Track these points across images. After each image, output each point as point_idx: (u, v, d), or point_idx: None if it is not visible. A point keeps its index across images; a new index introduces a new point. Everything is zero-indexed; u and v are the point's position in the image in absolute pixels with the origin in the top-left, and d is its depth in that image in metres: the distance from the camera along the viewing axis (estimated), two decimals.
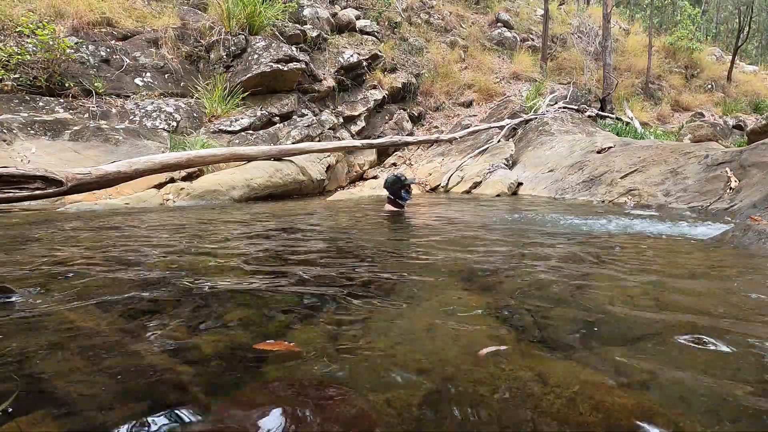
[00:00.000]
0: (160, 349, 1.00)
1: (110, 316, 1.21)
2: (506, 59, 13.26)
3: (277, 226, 3.36)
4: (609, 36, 12.06)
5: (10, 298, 1.32)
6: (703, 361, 0.94)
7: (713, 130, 10.03)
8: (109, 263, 1.89)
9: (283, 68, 7.65)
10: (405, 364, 0.93)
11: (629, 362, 0.94)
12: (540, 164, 7.41)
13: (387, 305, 1.34)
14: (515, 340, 1.06)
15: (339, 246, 2.46)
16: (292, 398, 0.80)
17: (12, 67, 5.76)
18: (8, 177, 3.20)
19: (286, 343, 1.03)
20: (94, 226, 3.10)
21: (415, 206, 4.91)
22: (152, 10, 8.03)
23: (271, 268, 1.87)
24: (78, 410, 0.75)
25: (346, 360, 0.95)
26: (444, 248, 2.38)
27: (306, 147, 6.53)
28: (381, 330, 1.14)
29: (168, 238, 2.61)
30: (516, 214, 4.21)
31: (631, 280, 1.66)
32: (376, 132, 9.75)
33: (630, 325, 1.16)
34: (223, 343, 1.04)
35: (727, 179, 4.75)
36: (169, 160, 4.74)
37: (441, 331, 1.12)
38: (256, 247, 2.39)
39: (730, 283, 1.63)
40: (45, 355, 0.95)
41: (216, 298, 1.40)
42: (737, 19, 18.15)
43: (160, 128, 6.43)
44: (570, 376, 0.87)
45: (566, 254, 2.19)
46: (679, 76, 15.50)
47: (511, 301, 1.38)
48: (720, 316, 1.22)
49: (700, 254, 2.20)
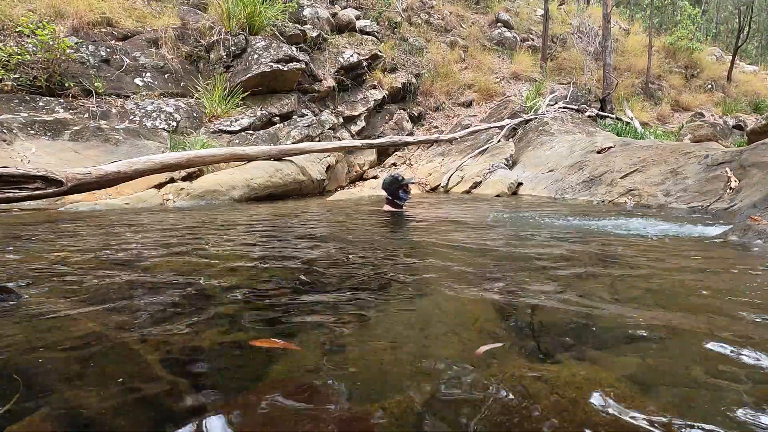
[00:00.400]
0: (161, 349, 1.00)
1: (110, 316, 1.21)
2: (506, 59, 13.26)
3: (276, 226, 3.36)
4: (609, 36, 12.06)
5: (10, 298, 1.32)
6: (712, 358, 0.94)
7: (713, 130, 10.03)
8: (109, 263, 1.89)
9: (283, 68, 7.65)
10: (405, 365, 0.93)
11: (630, 361, 0.94)
12: (540, 164, 7.41)
13: (387, 305, 1.34)
14: (514, 340, 1.06)
15: (338, 246, 2.46)
16: (292, 399, 0.80)
17: (12, 67, 5.75)
18: (8, 177, 3.20)
19: (282, 342, 1.03)
20: (93, 226, 3.10)
21: (414, 206, 4.91)
22: (152, 10, 8.03)
23: (271, 268, 1.87)
24: (78, 411, 0.75)
25: (345, 360, 0.95)
26: (443, 248, 2.39)
27: (306, 147, 6.53)
28: (381, 330, 1.14)
29: (167, 239, 2.61)
30: (516, 214, 4.21)
31: (632, 279, 1.66)
32: (376, 132, 9.75)
33: (631, 325, 1.16)
34: (223, 343, 1.04)
35: (727, 179, 4.75)
36: (169, 160, 4.74)
37: (441, 332, 1.12)
38: (255, 247, 2.39)
39: (730, 283, 1.63)
40: (45, 356, 0.95)
41: (216, 298, 1.40)
42: (737, 19, 18.15)
43: (160, 128, 6.43)
44: (569, 376, 0.87)
45: (566, 254, 2.19)
46: (679, 76, 15.50)
47: (511, 301, 1.38)
48: (721, 316, 1.22)
49: (701, 254, 2.20)
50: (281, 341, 1.03)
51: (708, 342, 1.02)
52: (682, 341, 1.07)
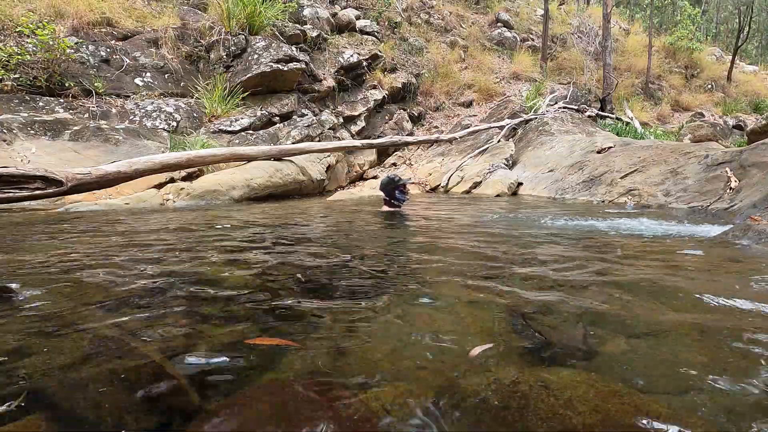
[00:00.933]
0: (160, 350, 1.00)
1: (110, 316, 1.21)
2: (506, 59, 13.26)
3: (276, 226, 3.36)
4: (609, 36, 12.06)
5: (11, 297, 1.32)
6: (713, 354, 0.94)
7: (713, 130, 10.03)
8: (109, 264, 1.89)
9: (283, 68, 7.65)
10: (405, 366, 0.93)
11: (629, 361, 0.94)
12: (540, 164, 7.41)
13: (386, 305, 1.34)
14: (512, 339, 1.06)
15: (337, 246, 2.47)
16: (293, 398, 0.80)
17: (12, 67, 5.75)
18: (8, 177, 3.20)
19: (280, 340, 1.04)
20: (93, 226, 3.10)
21: (414, 206, 4.91)
22: (152, 10, 8.03)
23: (271, 268, 1.87)
24: (78, 411, 0.75)
25: (345, 361, 0.95)
26: (442, 249, 2.38)
27: (306, 147, 6.53)
28: (380, 329, 1.14)
29: (167, 239, 2.61)
30: (515, 214, 4.21)
31: (631, 278, 1.66)
32: (376, 132, 9.75)
33: (630, 325, 1.16)
34: (223, 343, 1.04)
35: (727, 179, 4.75)
36: (169, 160, 4.74)
37: (440, 331, 1.12)
38: (255, 248, 2.39)
39: (731, 282, 1.63)
40: (45, 356, 0.95)
41: (216, 299, 1.40)
42: (737, 19, 18.15)
43: (160, 128, 6.43)
44: (569, 378, 0.87)
45: (566, 254, 2.19)
46: (679, 76, 15.50)
47: (511, 301, 1.38)
48: (721, 316, 1.22)
49: (701, 254, 2.20)
50: (280, 339, 1.04)
51: (707, 341, 1.02)
52: (682, 342, 1.07)
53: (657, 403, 0.77)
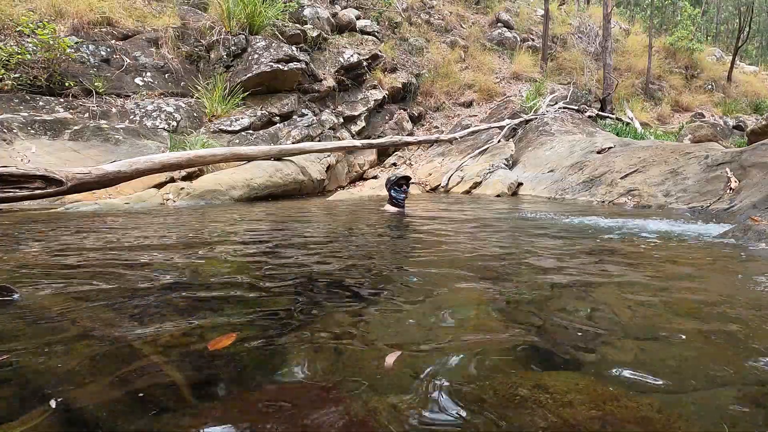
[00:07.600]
0: (161, 348, 1.00)
1: (110, 316, 1.21)
2: (506, 59, 13.26)
3: (275, 226, 3.36)
4: (609, 36, 12.06)
5: (11, 297, 1.32)
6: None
7: (713, 131, 10.04)
8: (109, 263, 1.89)
9: (283, 68, 7.64)
10: (404, 367, 0.93)
11: (630, 360, 0.94)
12: (540, 164, 7.41)
13: (385, 304, 1.34)
14: (512, 339, 1.06)
15: (337, 246, 2.46)
16: (292, 399, 0.80)
17: (12, 66, 5.75)
18: (8, 176, 3.19)
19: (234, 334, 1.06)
20: (93, 226, 3.10)
21: (413, 206, 4.91)
22: (152, 10, 8.03)
23: (271, 268, 1.87)
24: (78, 411, 0.75)
25: (344, 361, 0.95)
26: (442, 248, 2.38)
27: (306, 147, 6.53)
28: (380, 329, 1.14)
29: (166, 239, 2.61)
30: (515, 214, 4.21)
31: (632, 278, 1.66)
32: (376, 132, 9.75)
33: (631, 325, 1.16)
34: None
35: (727, 180, 4.75)
36: (169, 160, 4.74)
37: (440, 331, 1.12)
38: (255, 248, 2.39)
39: (732, 282, 1.63)
40: (45, 356, 0.95)
41: (216, 299, 1.40)
42: (737, 20, 18.15)
43: (160, 128, 6.42)
44: (569, 381, 0.87)
45: (566, 254, 2.19)
46: (679, 76, 15.50)
47: (511, 300, 1.38)
48: (721, 316, 1.22)
49: (701, 254, 2.20)
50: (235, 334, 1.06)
51: (709, 344, 1.02)
52: (682, 343, 1.07)
53: (657, 404, 0.77)
